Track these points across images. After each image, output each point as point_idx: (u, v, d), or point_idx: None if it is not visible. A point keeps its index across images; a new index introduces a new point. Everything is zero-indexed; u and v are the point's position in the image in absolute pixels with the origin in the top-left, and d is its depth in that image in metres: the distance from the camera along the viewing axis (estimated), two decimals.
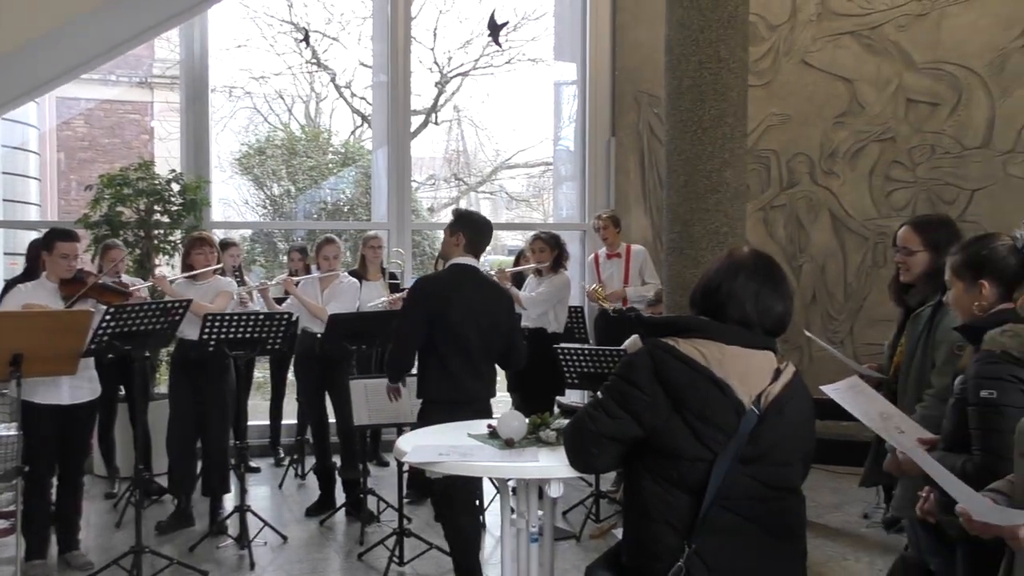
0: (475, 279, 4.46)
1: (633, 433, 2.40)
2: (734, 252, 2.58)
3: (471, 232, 4.49)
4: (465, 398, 4.31)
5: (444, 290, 4.39)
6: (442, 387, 4.35)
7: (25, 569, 4.82)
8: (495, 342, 4.46)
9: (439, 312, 4.32)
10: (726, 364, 2.37)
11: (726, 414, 2.34)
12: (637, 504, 2.44)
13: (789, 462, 2.45)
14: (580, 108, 8.86)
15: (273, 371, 7.68)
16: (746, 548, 2.38)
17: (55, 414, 4.95)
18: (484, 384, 4.47)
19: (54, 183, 14.55)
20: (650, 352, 2.42)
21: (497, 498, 5.94)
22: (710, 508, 2.32)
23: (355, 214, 13.83)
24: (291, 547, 5.56)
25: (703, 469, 2.33)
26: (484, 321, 4.37)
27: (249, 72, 15.92)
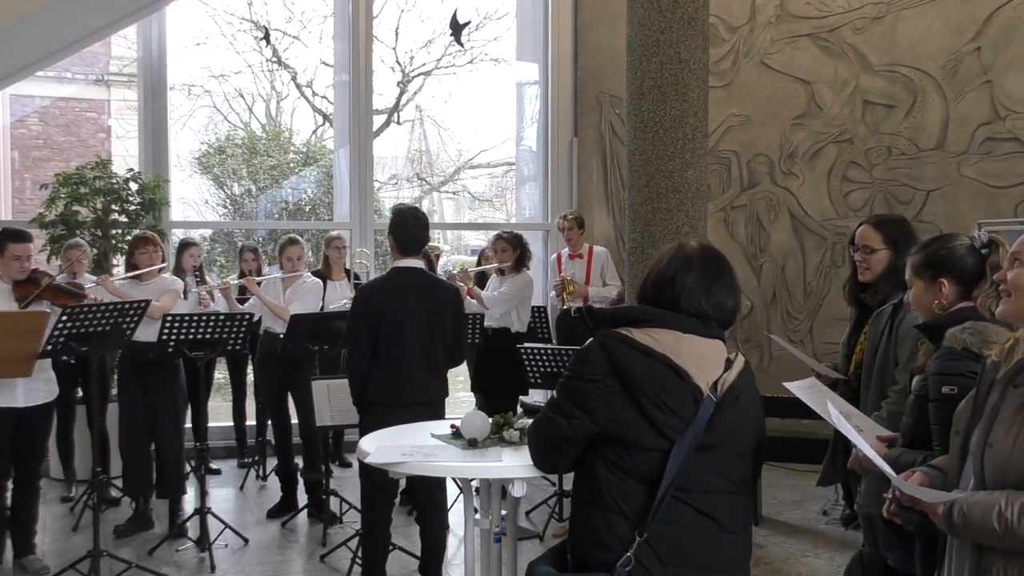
0: (414, 280, 4.38)
1: (587, 430, 2.39)
2: (684, 246, 2.58)
3: (399, 234, 4.42)
4: (407, 400, 4.24)
5: (381, 295, 4.34)
6: (382, 390, 4.29)
7: None
8: (439, 342, 4.38)
9: (378, 317, 4.28)
10: (683, 351, 2.38)
11: (684, 400, 2.35)
12: (589, 493, 2.43)
13: (744, 452, 2.47)
14: (542, 108, 8.89)
15: (232, 372, 7.61)
16: (697, 540, 2.38)
17: (10, 417, 4.86)
18: (429, 385, 4.36)
19: (8, 182, 14.31)
20: (602, 343, 2.41)
21: (461, 498, 5.94)
22: (664, 498, 2.32)
23: (317, 214, 13.75)
24: (252, 549, 5.51)
25: (658, 458, 2.33)
26: (425, 322, 4.31)
27: (209, 70, 15.81)
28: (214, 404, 7.40)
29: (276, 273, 6.45)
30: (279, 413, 6.23)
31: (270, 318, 6.12)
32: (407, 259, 4.41)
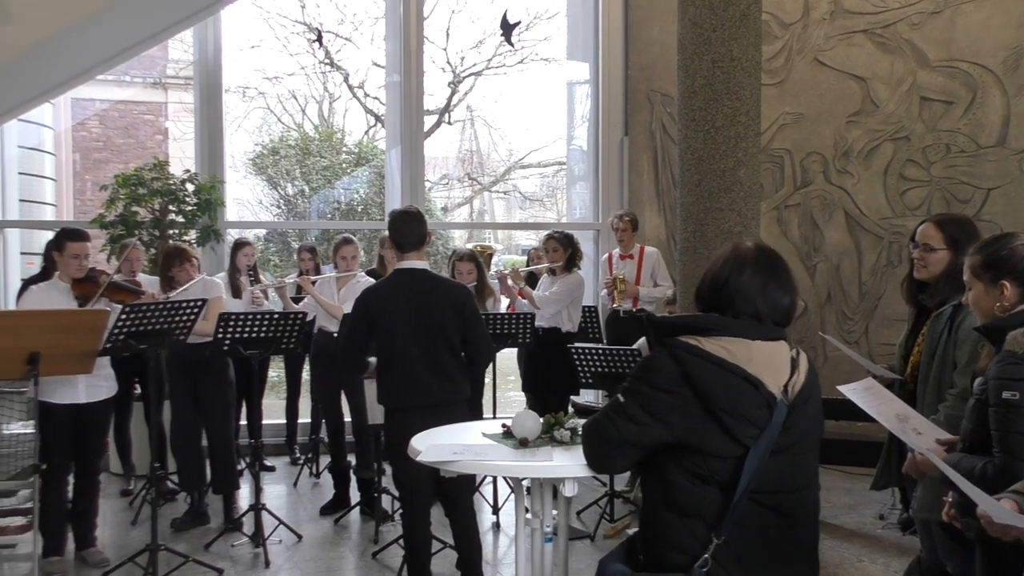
0: (414, 280, 4.28)
1: (659, 438, 2.40)
2: (738, 247, 2.58)
3: (392, 233, 4.38)
4: (412, 404, 4.18)
5: (378, 298, 4.30)
6: (387, 394, 4.30)
7: (43, 566, 4.86)
8: (442, 343, 4.25)
9: (375, 320, 4.24)
10: (754, 359, 2.39)
11: (758, 408, 2.36)
12: (665, 498, 2.44)
13: (812, 448, 2.50)
14: (593, 107, 8.86)
15: (287, 370, 7.70)
16: (769, 538, 2.41)
17: (71, 413, 4.99)
18: (436, 387, 4.22)
19: (70, 183, 14.64)
20: (672, 354, 2.41)
21: (511, 498, 5.95)
22: (740, 501, 2.34)
23: (369, 214, 13.85)
24: (305, 545, 5.58)
25: (734, 464, 2.36)
26: (423, 324, 4.21)
27: (263, 72, 16.03)
28: (268, 402, 7.50)
29: (331, 272, 6.51)
30: (332, 411, 6.29)
31: (324, 317, 6.18)
32: (408, 259, 4.32)
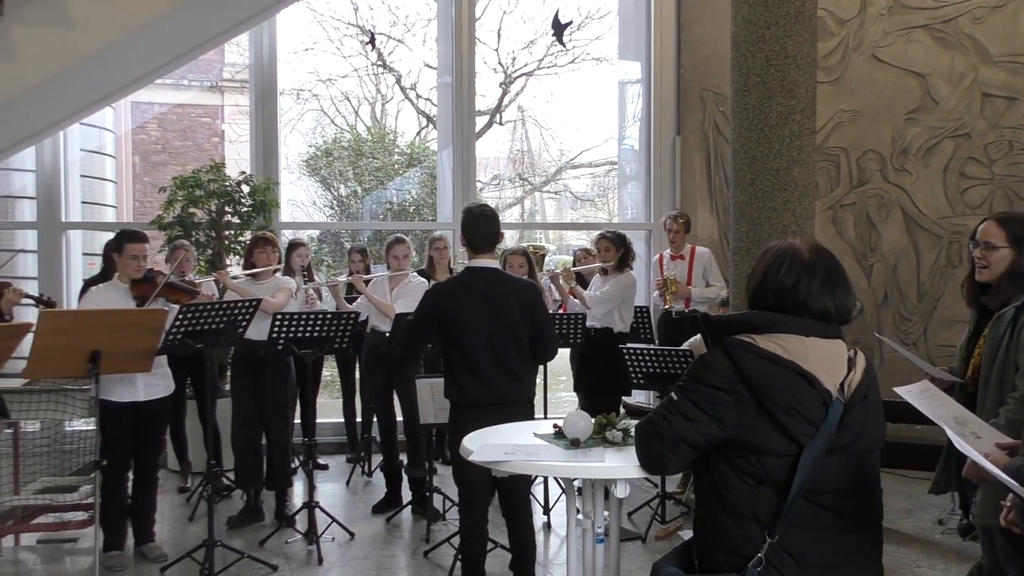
0: (484, 279, 4.30)
1: (713, 436, 2.39)
2: (798, 250, 2.52)
3: (468, 232, 4.40)
4: (479, 401, 4.20)
5: (447, 296, 4.33)
6: (454, 390, 4.31)
7: (103, 560, 4.96)
8: (511, 343, 4.26)
9: (444, 317, 4.26)
10: (810, 356, 2.37)
11: (814, 406, 2.34)
12: (719, 500, 2.42)
13: (871, 448, 2.47)
14: (645, 107, 8.81)
15: (340, 370, 7.78)
16: (828, 540, 2.38)
17: (131, 410, 5.10)
18: (502, 386, 4.25)
19: (130, 186, 14.95)
20: (727, 351, 2.40)
21: (562, 498, 5.94)
22: (794, 501, 2.31)
23: (421, 214, 13.94)
24: (358, 543, 5.63)
25: (789, 463, 2.33)
26: (493, 323, 4.22)
27: (316, 75, 16.20)
28: (321, 401, 7.58)
29: (383, 272, 6.56)
30: (384, 410, 6.34)
31: (377, 316, 6.23)
32: (480, 258, 4.36)
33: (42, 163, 7.79)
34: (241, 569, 5.06)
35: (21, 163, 8.40)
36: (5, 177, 9.29)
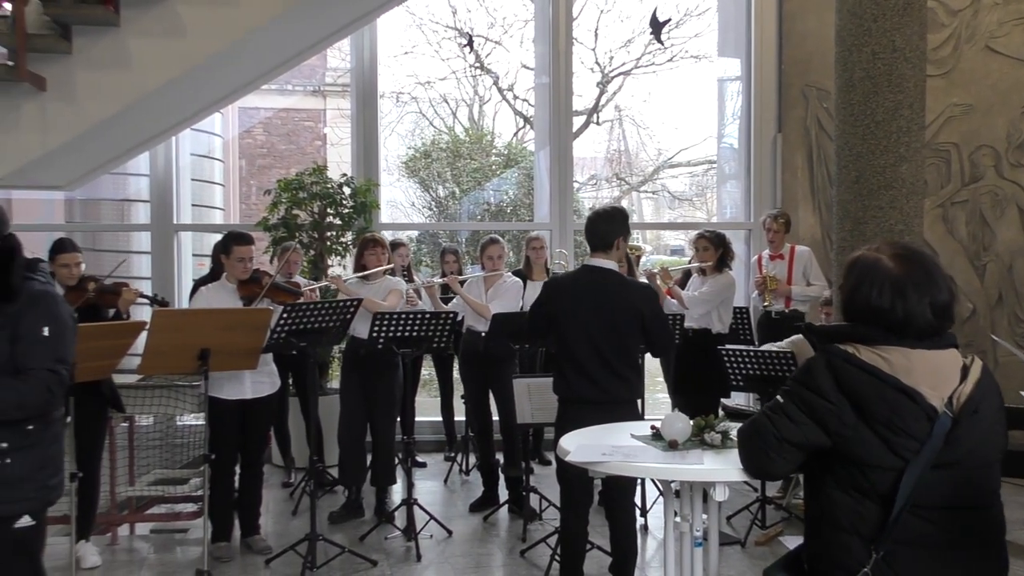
0: (597, 279, 4.30)
1: (817, 440, 2.33)
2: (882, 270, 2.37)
3: (585, 231, 4.43)
4: (584, 398, 4.20)
5: (560, 290, 4.36)
6: (565, 386, 4.31)
7: (211, 550, 5.13)
8: (619, 343, 4.25)
9: (556, 313, 4.30)
10: (914, 369, 2.27)
11: (917, 421, 2.24)
12: (823, 513, 2.37)
13: (988, 463, 2.33)
14: (745, 104, 8.66)
15: (438, 369, 7.87)
16: (937, 558, 2.28)
17: (238, 407, 5.26)
18: (608, 385, 4.23)
19: (236, 188, 15.41)
20: (828, 361, 2.33)
21: (660, 500, 5.89)
22: (899, 516, 2.23)
23: (518, 215, 13.99)
24: (456, 541, 5.68)
25: (894, 477, 2.25)
26: (602, 322, 4.22)
27: (415, 78, 16.40)
28: (419, 399, 7.69)
29: (476, 273, 6.61)
30: (480, 410, 6.39)
31: (472, 316, 6.28)
32: (597, 258, 4.36)
33: (156, 168, 8.10)
34: (342, 563, 5.17)
35: (136, 168, 8.76)
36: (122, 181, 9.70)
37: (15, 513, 3.04)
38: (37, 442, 3.06)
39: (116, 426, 5.78)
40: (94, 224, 9.99)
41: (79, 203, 10.15)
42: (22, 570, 3.16)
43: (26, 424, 3.00)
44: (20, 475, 3.01)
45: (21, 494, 3.02)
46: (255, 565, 5.25)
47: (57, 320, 3.06)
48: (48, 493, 3.13)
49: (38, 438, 3.06)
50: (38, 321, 2.99)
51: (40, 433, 3.06)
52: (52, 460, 3.14)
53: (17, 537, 3.07)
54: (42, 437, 3.08)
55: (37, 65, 5.51)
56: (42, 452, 3.08)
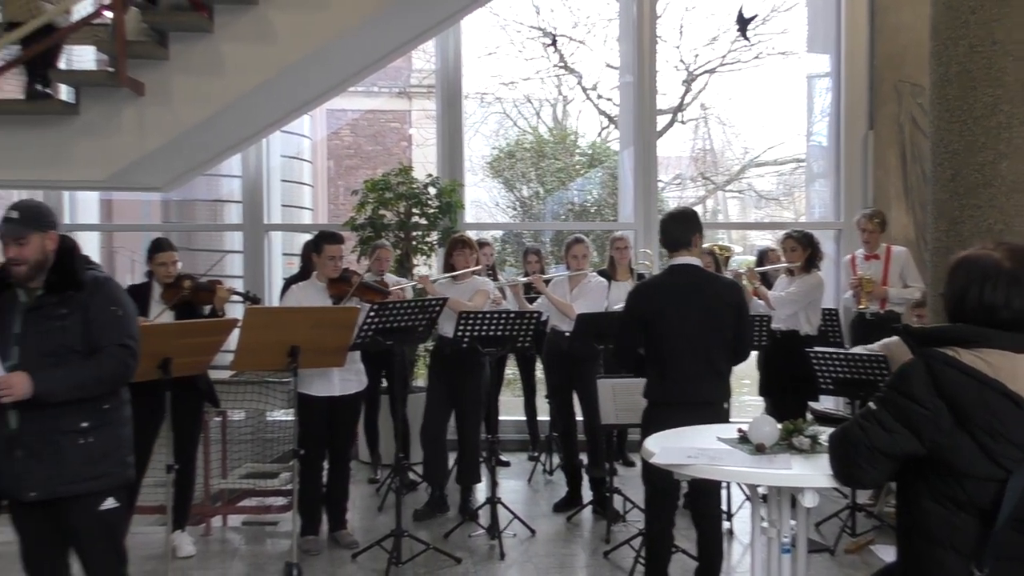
0: (689, 277, 4.29)
1: (910, 449, 2.26)
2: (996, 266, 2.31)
3: (661, 233, 4.40)
4: (682, 399, 4.16)
5: (653, 293, 4.32)
6: (657, 389, 4.26)
7: (300, 543, 5.25)
8: (716, 341, 4.25)
9: (650, 315, 4.24)
10: (1020, 374, 2.18)
11: (1021, 429, 2.15)
12: (916, 525, 2.28)
13: None
14: (835, 101, 8.47)
15: (521, 369, 7.89)
16: None
17: (327, 404, 5.37)
18: (706, 385, 4.24)
19: (324, 189, 15.70)
20: (926, 364, 2.26)
21: (746, 505, 5.81)
22: (1001, 531, 2.14)
23: (602, 215, 13.93)
24: (539, 540, 5.69)
25: (995, 488, 2.15)
26: (700, 321, 4.20)
27: (499, 78, 16.47)
28: (503, 399, 7.73)
29: (561, 272, 6.61)
30: (564, 410, 6.38)
31: (556, 316, 6.28)
32: (682, 256, 4.33)
33: (247, 169, 8.31)
34: (426, 560, 5.23)
35: (229, 169, 9.01)
36: (215, 183, 9.99)
37: (100, 490, 3.34)
38: (113, 420, 3.39)
39: (210, 420, 5.95)
40: (189, 224, 10.32)
41: (175, 204, 10.49)
42: (108, 550, 3.46)
43: (103, 403, 3.33)
44: (102, 452, 3.33)
45: (104, 470, 3.33)
46: (342, 559, 5.34)
47: (122, 302, 3.41)
48: (126, 469, 3.44)
49: (114, 416, 3.39)
50: (106, 303, 3.34)
51: (115, 412, 3.39)
52: (127, 439, 3.47)
53: (104, 518, 3.37)
54: (117, 416, 3.41)
55: (136, 71, 5.72)
56: (117, 430, 3.41)
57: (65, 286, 3.29)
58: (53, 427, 3.24)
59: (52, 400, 3.18)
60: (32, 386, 3.13)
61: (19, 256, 3.23)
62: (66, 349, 3.25)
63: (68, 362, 3.24)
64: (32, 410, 3.19)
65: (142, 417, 4.91)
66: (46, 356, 3.21)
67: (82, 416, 3.27)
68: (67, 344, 3.25)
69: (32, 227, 3.26)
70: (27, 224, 3.25)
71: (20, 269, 3.25)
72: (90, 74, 6.38)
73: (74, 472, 3.26)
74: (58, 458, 3.24)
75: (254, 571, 5.21)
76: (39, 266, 3.28)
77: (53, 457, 3.24)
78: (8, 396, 3.10)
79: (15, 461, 3.24)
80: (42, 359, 3.20)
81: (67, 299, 3.28)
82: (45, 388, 3.15)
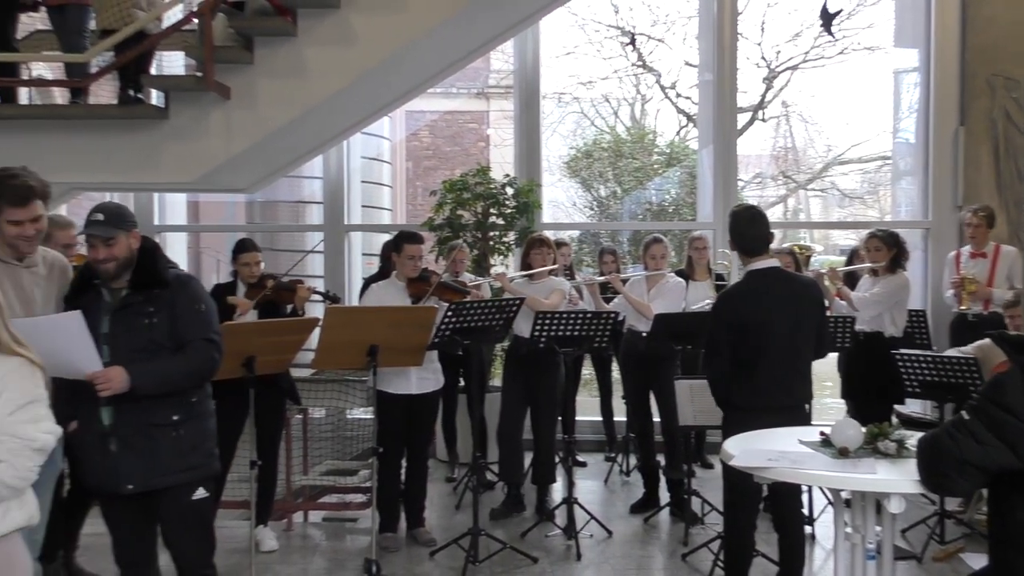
0: (773, 280, 4.23)
1: (1004, 462, 2.17)
2: None
3: (737, 237, 4.29)
4: (773, 404, 4.09)
5: (742, 301, 4.22)
6: (745, 394, 4.17)
7: (379, 540, 5.30)
8: (802, 343, 4.20)
9: (738, 322, 4.16)
10: None
11: None
12: (1009, 538, 2.21)
13: None
14: (923, 96, 8.23)
15: (597, 369, 7.86)
16: None
17: (405, 402, 5.42)
18: (795, 388, 4.19)
19: (403, 190, 15.87)
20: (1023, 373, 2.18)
21: (829, 509, 5.68)
22: None
23: (680, 214, 13.80)
24: (616, 541, 5.66)
25: None
26: (788, 324, 4.14)
27: (577, 78, 16.43)
28: (579, 399, 7.71)
29: (638, 272, 6.56)
30: (641, 411, 6.33)
31: (634, 316, 6.24)
32: (759, 260, 4.26)
33: (328, 170, 8.44)
34: (503, 559, 5.24)
35: (311, 171, 9.18)
36: (297, 184, 10.18)
37: (191, 481, 3.46)
38: (200, 413, 3.52)
39: (292, 418, 6.06)
40: (272, 225, 10.54)
41: (258, 205, 10.72)
42: (199, 539, 3.59)
43: (190, 397, 3.46)
44: (191, 444, 3.45)
45: (194, 461, 3.45)
46: (420, 556, 5.39)
47: (205, 298, 3.55)
48: (212, 461, 3.57)
49: (201, 409, 3.52)
50: (192, 300, 3.46)
51: (201, 405, 3.52)
52: (212, 431, 3.60)
53: (195, 508, 3.50)
54: (203, 409, 3.55)
55: (222, 75, 5.86)
56: (204, 423, 3.54)
57: (151, 284, 3.40)
58: (146, 421, 3.35)
59: (145, 394, 3.28)
60: (128, 380, 3.23)
61: (108, 255, 3.35)
62: (156, 346, 3.36)
63: (157, 358, 3.35)
64: (125, 405, 3.30)
65: (227, 414, 5.07)
66: (136, 353, 3.32)
67: (172, 410, 3.39)
68: (156, 341, 3.36)
69: (118, 227, 3.37)
70: (114, 224, 3.37)
71: (108, 268, 3.37)
72: (179, 79, 6.58)
73: (167, 464, 3.37)
74: (152, 451, 3.36)
75: (334, 567, 5.29)
76: (126, 265, 3.40)
77: (148, 451, 3.35)
78: (107, 390, 3.21)
79: (109, 456, 3.36)
80: (132, 356, 3.30)
81: (153, 297, 3.38)
82: (140, 382, 3.26)
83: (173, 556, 3.54)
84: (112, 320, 3.36)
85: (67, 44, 6.18)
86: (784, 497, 4.27)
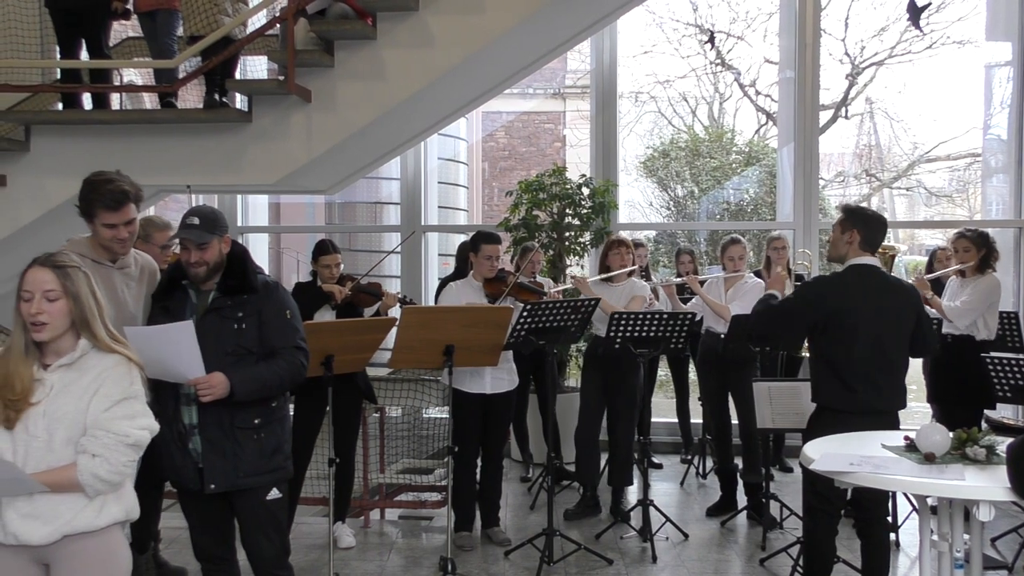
0: (876, 280, 4.12)
1: None
2: None
3: (865, 229, 4.15)
4: (864, 408, 3.98)
5: (839, 294, 4.08)
6: (835, 395, 4.06)
7: (455, 539, 5.34)
8: (899, 347, 4.07)
9: (831, 316, 4.03)
10: None
11: None
12: None
13: None
14: (1016, 91, 7.96)
15: (673, 370, 7.78)
16: None
17: (480, 402, 5.44)
18: (886, 394, 4.05)
19: (479, 190, 15.95)
20: None
21: (913, 516, 5.54)
22: None
23: (759, 214, 13.59)
24: (692, 545, 5.60)
25: None
26: (885, 326, 4.02)
27: (654, 77, 16.29)
28: (655, 400, 7.64)
29: (716, 273, 6.48)
30: (718, 413, 6.25)
31: (711, 318, 6.16)
32: (865, 256, 4.16)
33: (406, 171, 8.54)
34: (578, 560, 5.23)
35: (388, 172, 9.29)
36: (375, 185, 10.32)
37: (270, 483, 3.53)
38: (279, 417, 3.58)
39: (368, 416, 6.14)
40: (351, 226, 10.70)
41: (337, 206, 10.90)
42: (274, 539, 3.63)
43: (271, 401, 3.52)
44: (272, 447, 3.52)
45: (275, 464, 3.53)
46: (495, 556, 5.41)
47: (291, 305, 3.59)
48: (289, 463, 3.62)
49: (280, 413, 3.59)
50: (280, 306, 3.53)
51: (280, 410, 3.59)
52: (288, 434, 3.67)
53: (270, 508, 3.56)
54: (282, 413, 3.61)
55: (303, 79, 5.97)
56: (282, 427, 3.61)
57: (240, 290, 3.47)
58: (230, 424, 3.42)
59: (240, 400, 3.36)
60: (229, 386, 3.31)
61: (200, 259, 3.43)
62: (243, 350, 3.42)
63: (245, 362, 3.41)
64: (210, 407, 3.37)
65: (305, 412, 5.18)
66: (226, 356, 3.38)
67: (254, 413, 3.46)
68: (244, 345, 3.43)
69: (212, 232, 3.45)
70: (208, 229, 3.44)
71: (199, 271, 3.45)
72: (262, 83, 6.71)
73: (250, 466, 3.45)
74: (236, 453, 3.43)
75: (410, 564, 5.35)
76: (216, 269, 3.48)
77: (232, 452, 3.43)
78: (209, 396, 3.30)
79: (190, 455, 3.45)
80: (222, 359, 3.37)
81: (241, 302, 3.46)
82: (240, 389, 3.34)
83: (248, 555, 3.62)
84: (201, 322, 3.41)
85: (157, 49, 6.35)
86: (868, 502, 4.16)
